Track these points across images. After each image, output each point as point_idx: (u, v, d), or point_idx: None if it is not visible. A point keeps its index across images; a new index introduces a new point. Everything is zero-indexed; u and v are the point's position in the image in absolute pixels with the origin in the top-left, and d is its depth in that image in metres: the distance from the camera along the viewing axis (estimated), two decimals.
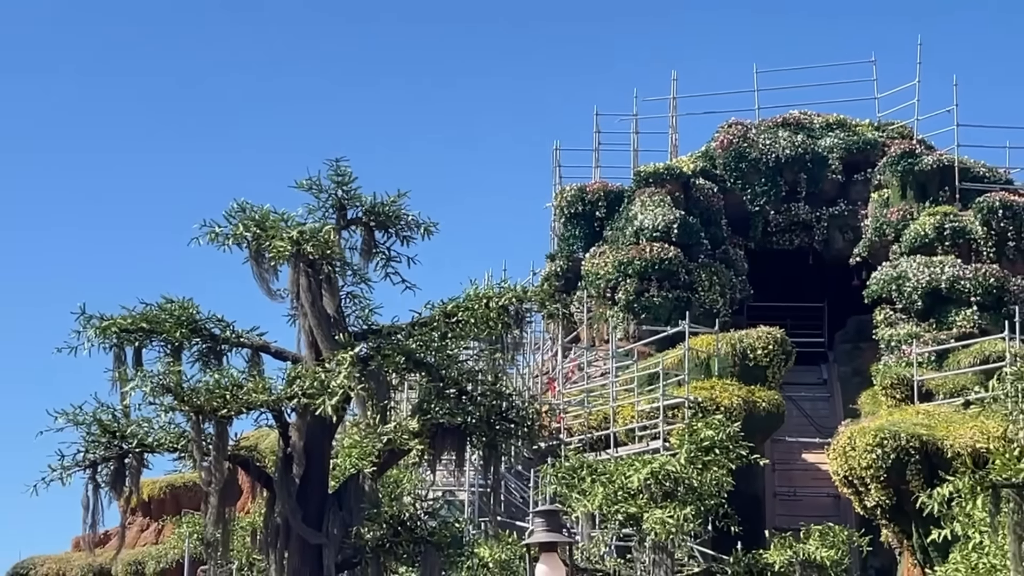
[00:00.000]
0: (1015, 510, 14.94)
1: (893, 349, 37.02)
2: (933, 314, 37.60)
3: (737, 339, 35.67)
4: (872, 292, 38.84)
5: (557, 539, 14.98)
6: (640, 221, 40.41)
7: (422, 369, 18.44)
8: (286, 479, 18.26)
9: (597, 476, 22.99)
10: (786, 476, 36.60)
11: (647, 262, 39.33)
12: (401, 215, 18.86)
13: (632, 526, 22.59)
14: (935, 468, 28.32)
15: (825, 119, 44.51)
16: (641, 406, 33.18)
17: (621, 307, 39.12)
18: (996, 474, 15.02)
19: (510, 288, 18.83)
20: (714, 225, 41.93)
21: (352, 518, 18.45)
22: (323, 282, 18.22)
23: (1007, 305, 36.66)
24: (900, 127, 43.98)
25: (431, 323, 18.80)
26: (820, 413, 39.16)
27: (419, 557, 19.14)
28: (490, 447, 18.85)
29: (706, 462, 22.86)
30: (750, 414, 32.38)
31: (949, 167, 41.13)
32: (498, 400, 18.78)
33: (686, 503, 21.97)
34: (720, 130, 44.06)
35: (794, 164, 43.07)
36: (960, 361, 34.85)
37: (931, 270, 38.07)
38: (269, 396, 17.80)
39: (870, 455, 29.73)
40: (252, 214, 18.50)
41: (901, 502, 29.66)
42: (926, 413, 31.83)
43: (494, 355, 18.92)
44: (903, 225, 40.23)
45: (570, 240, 42.35)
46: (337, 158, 18.72)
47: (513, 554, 23.23)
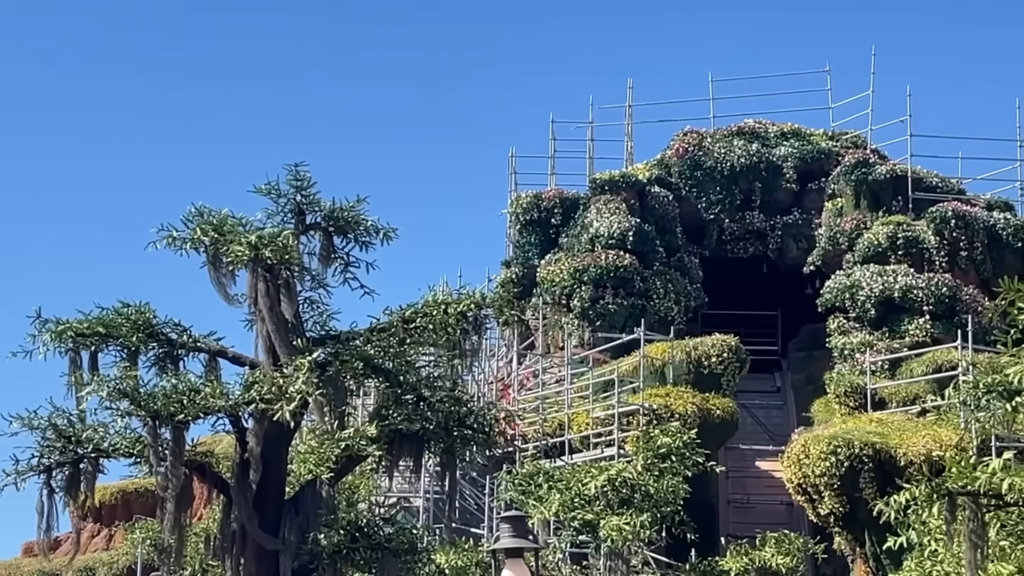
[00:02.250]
0: (971, 518, 15.02)
1: (846, 357, 37.20)
2: (886, 323, 37.81)
3: (692, 347, 35.78)
4: (826, 301, 39.04)
5: (524, 545, 14.98)
6: (596, 228, 40.48)
7: (380, 375, 18.41)
8: (243, 485, 18.20)
9: (554, 483, 23.02)
10: (740, 483, 36.71)
11: (602, 269, 39.40)
12: (360, 220, 18.85)
13: (588, 533, 22.63)
14: (888, 476, 28.53)
15: (780, 128, 44.69)
16: (596, 413, 33.24)
17: (576, 314, 39.19)
18: (952, 482, 15.10)
19: (469, 294, 18.85)
20: (669, 233, 42.06)
21: (309, 524, 18.41)
22: (281, 287, 18.17)
23: (959, 314, 36.90)
24: (854, 137, 44.22)
25: (389, 329, 18.79)
26: (774, 421, 39.34)
27: (376, 563, 19.09)
28: (448, 453, 18.86)
29: (662, 469, 22.94)
30: (704, 421, 32.49)
31: (902, 177, 41.38)
32: (456, 406, 18.78)
33: (642, 510, 22.04)
34: (676, 138, 44.17)
35: (749, 173, 43.23)
36: (913, 370, 35.07)
37: (884, 279, 38.28)
38: (226, 401, 17.74)
39: (824, 463, 29.90)
40: (210, 218, 18.44)
41: (854, 509, 29.84)
42: (879, 421, 32.04)
43: (452, 361, 18.93)
44: (857, 234, 40.44)
45: (526, 247, 42.38)
46: (296, 163, 18.71)
47: (469, 560, 23.23)
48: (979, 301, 37.66)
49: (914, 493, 15.43)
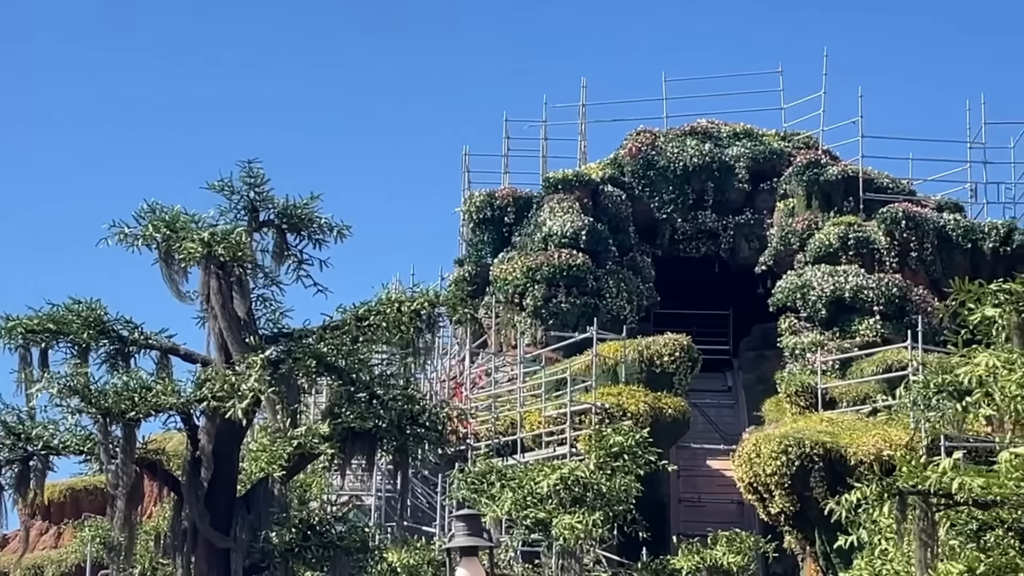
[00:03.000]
0: (921, 517, 15.11)
1: (797, 357, 37.39)
2: (837, 323, 38.01)
3: (644, 346, 35.87)
4: (777, 300, 39.20)
5: (479, 544, 14.99)
6: (549, 227, 40.52)
7: (333, 373, 18.37)
8: (194, 482, 18.14)
9: (506, 481, 23.05)
10: (691, 482, 36.81)
11: (555, 268, 39.44)
12: (314, 218, 18.80)
13: (540, 531, 22.66)
14: (839, 475, 28.67)
15: (732, 128, 44.84)
16: (548, 412, 33.27)
17: (529, 313, 39.21)
18: (903, 481, 15.19)
19: (422, 293, 18.82)
20: (622, 232, 42.14)
21: (260, 522, 18.36)
22: (234, 284, 18.11)
23: (909, 315, 37.13)
24: (806, 137, 44.43)
25: (342, 327, 18.75)
26: (725, 420, 39.47)
27: (328, 561, 19.06)
28: (400, 451, 18.83)
29: (614, 468, 22.98)
30: (656, 420, 32.55)
31: (854, 178, 41.62)
32: (409, 404, 18.75)
33: (594, 508, 22.08)
34: (629, 138, 44.26)
35: (701, 172, 43.36)
36: (863, 369, 35.27)
37: (835, 279, 38.48)
38: (178, 399, 17.67)
39: (775, 462, 30.04)
40: (162, 215, 18.34)
41: (805, 509, 29.98)
42: (830, 421, 32.21)
43: (405, 359, 18.90)
44: (808, 234, 40.64)
45: (479, 245, 42.38)
46: (250, 160, 18.65)
47: (421, 559, 23.22)
48: (929, 301, 37.91)
49: (864, 492, 15.51)
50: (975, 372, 15.24)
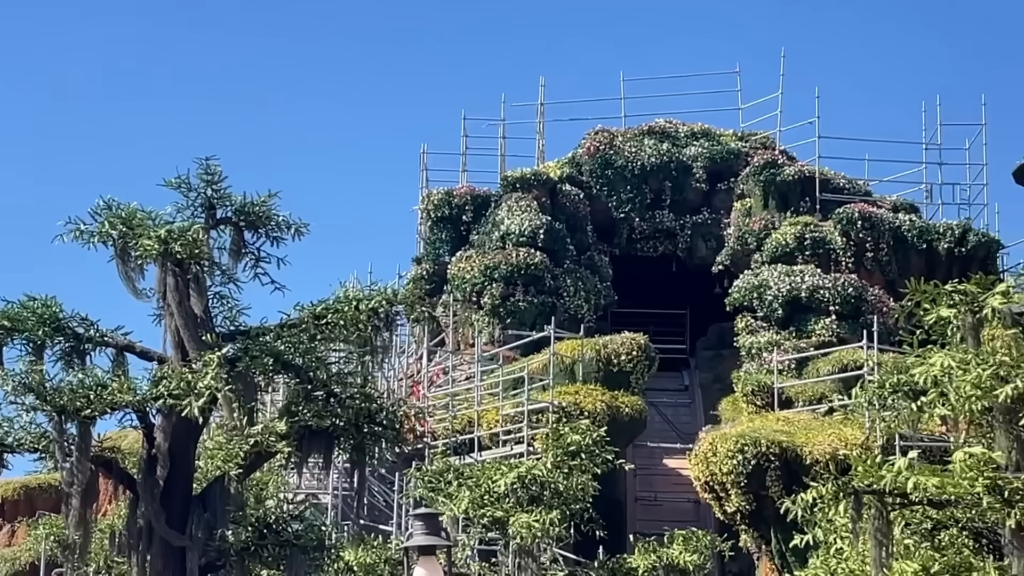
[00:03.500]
0: (876, 516, 15.20)
1: (754, 356, 37.52)
2: (793, 322, 38.17)
3: (601, 345, 35.94)
4: (734, 300, 39.34)
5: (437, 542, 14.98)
6: (507, 226, 40.54)
7: (290, 371, 18.34)
8: (150, 481, 18.07)
9: (463, 480, 23.03)
10: (647, 481, 36.91)
11: (513, 267, 39.46)
12: (271, 215, 18.76)
13: (497, 530, 22.66)
14: (794, 474, 28.82)
15: (690, 128, 44.97)
16: (506, 410, 33.30)
17: (487, 311, 39.22)
18: (858, 481, 15.27)
19: (380, 291, 18.80)
20: (580, 231, 42.22)
21: (216, 520, 18.31)
22: (191, 282, 18.06)
23: (865, 315, 37.33)
24: (763, 137, 44.60)
25: (300, 325, 18.71)
26: (681, 419, 39.59)
27: (284, 560, 19.01)
28: (357, 450, 18.80)
29: (571, 467, 23.01)
30: (613, 419, 32.63)
31: (810, 178, 41.79)
32: (366, 403, 18.72)
33: (551, 507, 22.10)
34: (587, 137, 44.33)
35: (659, 172, 43.47)
36: (819, 369, 35.45)
37: (791, 279, 38.65)
38: (134, 396, 17.61)
39: (731, 461, 30.16)
40: (119, 212, 18.28)
41: (761, 507, 30.11)
42: (786, 420, 32.36)
43: (363, 358, 18.88)
44: (765, 234, 40.79)
45: (436, 244, 42.36)
46: (207, 157, 18.59)
47: (378, 558, 23.18)
48: (884, 302, 38.13)
49: (820, 491, 15.59)
50: (930, 372, 15.34)
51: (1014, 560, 15.16)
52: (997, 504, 14.85)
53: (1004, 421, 15.07)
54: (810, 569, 18.57)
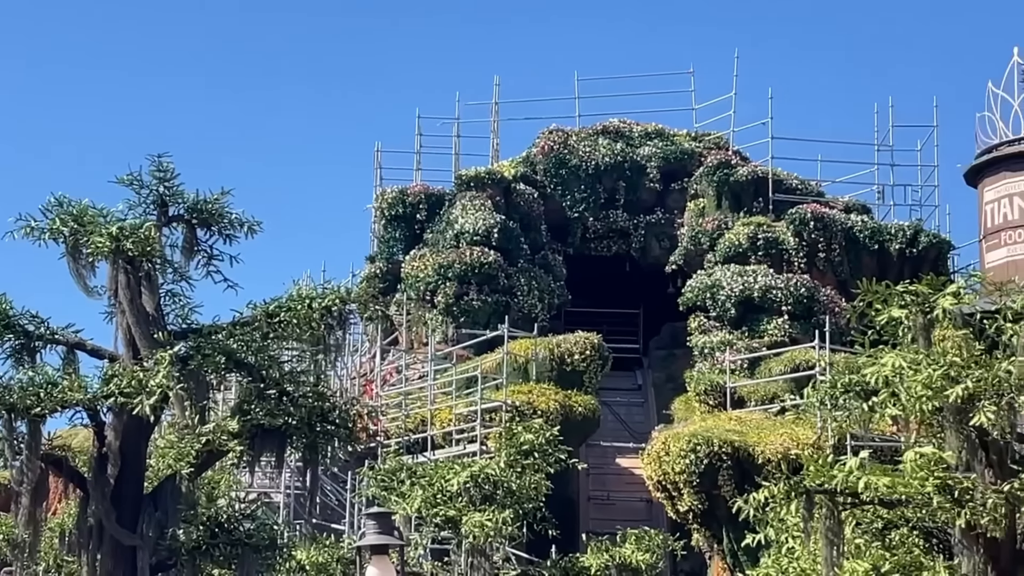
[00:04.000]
0: (827, 516, 15.28)
1: (707, 356, 37.63)
2: (746, 322, 38.31)
3: (555, 344, 35.99)
4: (687, 300, 39.45)
5: (390, 542, 14.97)
6: (461, 225, 40.52)
7: (242, 369, 18.30)
8: (100, 479, 17.99)
9: (416, 479, 23.00)
10: (600, 480, 36.99)
11: (467, 266, 39.44)
12: (224, 213, 18.71)
13: (450, 529, 22.64)
14: (747, 474, 28.95)
15: (644, 128, 45.05)
16: (459, 409, 33.30)
17: (440, 310, 39.19)
18: (810, 480, 15.35)
19: (333, 289, 18.78)
20: (534, 230, 42.25)
21: (168, 519, 18.24)
22: (142, 279, 18.00)
23: (817, 315, 37.50)
24: (716, 138, 44.75)
25: (252, 323, 18.67)
26: (634, 418, 39.67)
27: (235, 559, 18.95)
28: (310, 449, 18.75)
29: (524, 466, 23.01)
30: (567, 419, 32.68)
31: (763, 178, 41.97)
32: (319, 401, 18.69)
33: (504, 506, 22.09)
34: (541, 136, 44.37)
35: (613, 172, 43.55)
36: (771, 369, 35.60)
37: (744, 279, 38.79)
38: (85, 394, 17.53)
39: (683, 460, 30.26)
40: (70, 208, 18.19)
41: (713, 507, 30.22)
42: (738, 420, 32.48)
43: (316, 356, 18.85)
44: (718, 234, 40.92)
45: (390, 242, 42.30)
46: (159, 154, 18.53)
47: (330, 557, 23.12)
48: (836, 302, 38.31)
49: (772, 491, 15.66)
50: (881, 372, 15.42)
51: (964, 559, 15.27)
52: (947, 504, 14.95)
53: (954, 421, 15.16)
54: (761, 568, 18.63)
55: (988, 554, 15.25)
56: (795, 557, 17.74)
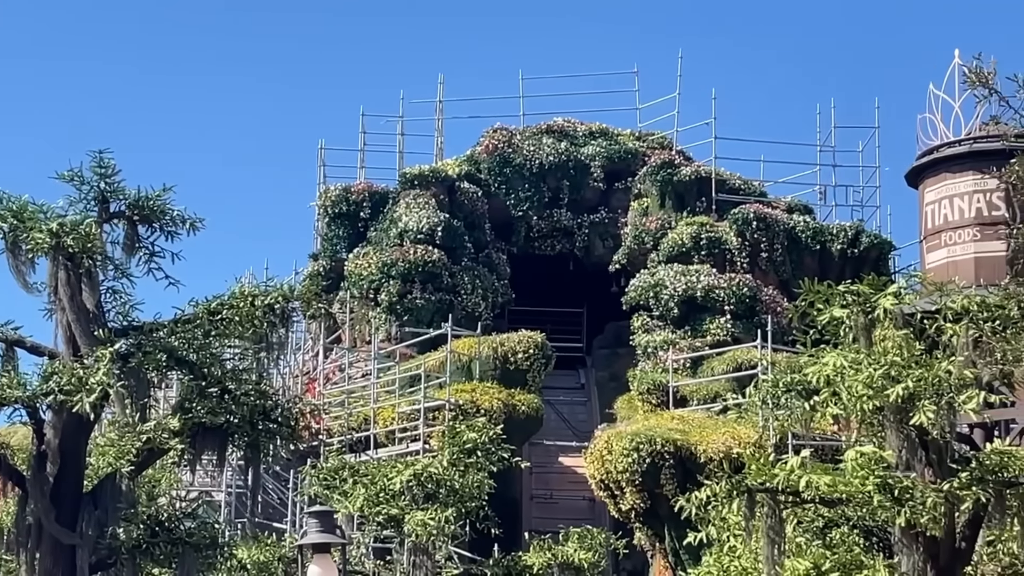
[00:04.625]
0: (769, 514, 15.33)
1: (650, 355, 37.77)
2: (688, 321, 38.48)
3: (498, 343, 36.02)
4: (630, 299, 39.58)
5: (331, 540, 14.91)
6: (404, 223, 40.47)
7: (184, 367, 18.14)
8: (39, 477, 17.81)
9: (359, 478, 22.93)
10: (543, 479, 37.06)
11: (411, 264, 39.40)
12: (166, 210, 18.53)
13: (393, 528, 22.60)
14: (689, 472, 29.06)
15: (588, 127, 45.19)
16: (402, 408, 33.27)
17: (384, 308, 39.13)
18: (751, 479, 15.40)
19: (276, 287, 18.67)
20: (478, 229, 42.25)
21: (108, 518, 18.08)
22: (83, 276, 17.82)
23: (759, 314, 37.73)
24: (660, 138, 44.89)
25: (194, 320, 18.51)
26: (578, 417, 39.77)
27: (176, 558, 18.81)
28: (252, 447, 18.64)
29: (468, 464, 22.98)
30: (510, 417, 32.73)
31: (706, 178, 42.14)
32: (261, 400, 18.56)
33: (447, 505, 22.05)
34: (485, 135, 44.40)
35: (557, 171, 43.63)
36: (714, 368, 35.77)
37: (687, 279, 38.96)
38: (24, 392, 17.34)
39: (626, 459, 30.36)
40: (9, 204, 17.99)
41: (655, 505, 30.33)
42: (681, 419, 32.63)
43: (258, 354, 18.74)
44: (661, 234, 41.07)
45: (334, 240, 42.21)
46: (100, 150, 18.36)
47: (272, 556, 23.03)
48: (778, 302, 38.54)
49: (714, 489, 15.70)
50: (823, 372, 15.49)
51: (903, 558, 15.37)
52: (887, 503, 15.03)
53: (895, 420, 15.25)
54: (703, 567, 18.71)
55: (927, 552, 15.36)
56: (737, 555, 17.81)
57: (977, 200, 31.84)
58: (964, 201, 32.02)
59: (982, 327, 15.81)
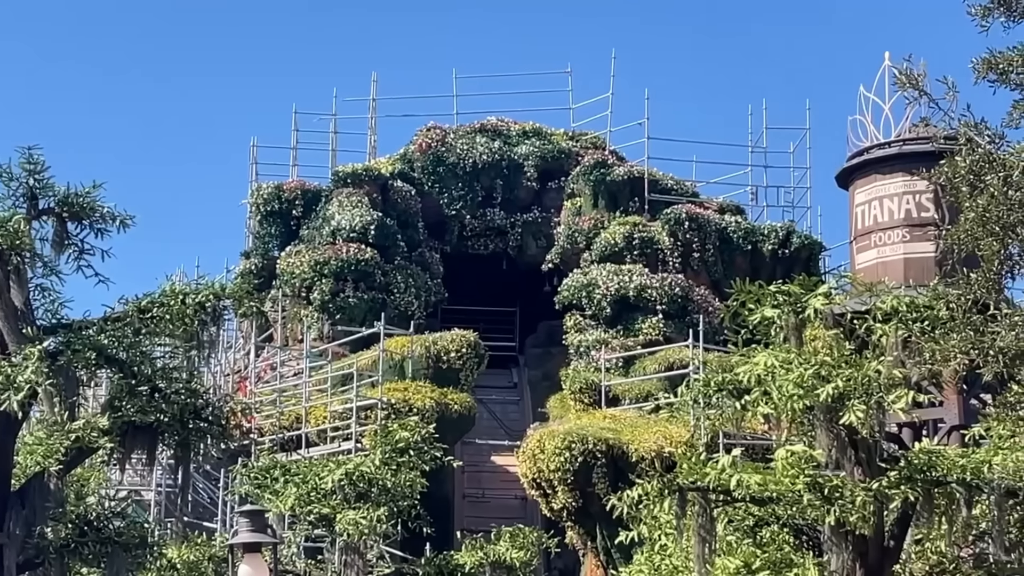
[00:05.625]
0: (700, 513, 15.41)
1: (582, 354, 37.86)
2: (621, 321, 38.58)
3: (431, 341, 35.98)
4: (563, 298, 39.65)
5: (262, 540, 14.83)
6: (337, 221, 40.35)
7: (114, 365, 18.01)
8: None
9: (290, 476, 22.84)
10: (475, 478, 37.06)
11: (343, 263, 39.29)
12: (96, 207, 18.38)
13: (324, 527, 22.53)
14: (621, 471, 29.16)
15: (522, 127, 45.22)
16: (334, 407, 33.15)
17: (316, 307, 38.99)
18: (683, 478, 15.46)
19: (208, 285, 18.56)
20: (411, 228, 42.18)
21: (36, 517, 17.91)
22: (11, 274, 17.66)
23: (691, 314, 37.88)
24: (593, 138, 44.98)
25: (124, 318, 18.37)
26: (510, 416, 39.80)
27: (105, 558, 18.67)
28: (182, 446, 18.53)
29: (400, 463, 22.95)
30: (442, 416, 32.68)
31: (639, 178, 42.25)
32: (192, 398, 18.46)
33: (379, 504, 22.01)
34: (419, 133, 44.34)
35: (491, 170, 43.64)
36: (646, 367, 35.89)
37: (620, 278, 39.07)
38: None
39: (558, 458, 30.41)
40: None
41: (587, 504, 30.39)
42: (613, 418, 32.72)
43: (189, 353, 18.63)
44: (594, 233, 41.16)
45: (266, 238, 42.01)
46: (30, 146, 18.19)
47: (202, 555, 22.91)
48: (710, 301, 38.73)
49: (645, 488, 15.76)
50: (754, 371, 15.58)
51: (833, 556, 15.49)
52: (817, 501, 15.14)
53: (825, 420, 15.36)
54: (634, 565, 18.79)
55: (856, 551, 15.48)
56: (668, 554, 17.90)
57: (907, 201, 32.11)
58: (894, 202, 32.28)
59: (911, 327, 15.96)
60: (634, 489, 15.76)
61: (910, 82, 11.43)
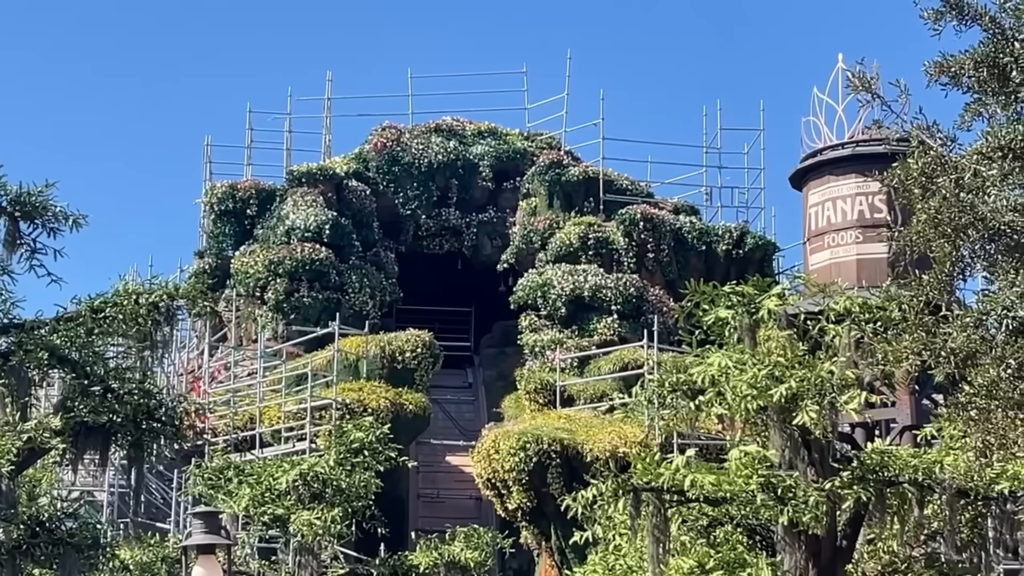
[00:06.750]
0: (654, 513, 15.42)
1: (537, 354, 37.91)
2: (576, 321, 38.66)
3: (386, 341, 35.93)
4: (518, 298, 39.68)
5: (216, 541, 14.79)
6: (292, 221, 40.26)
7: (66, 365, 17.90)
8: None
9: (244, 477, 22.77)
10: (430, 478, 37.04)
11: (298, 262, 39.20)
12: (48, 206, 18.26)
13: (278, 528, 22.46)
14: (575, 471, 29.22)
15: (477, 127, 45.23)
16: (288, 407, 33.07)
17: (270, 307, 38.89)
18: (637, 478, 15.47)
19: (161, 284, 18.48)
20: (366, 227, 42.13)
21: None
22: None
23: (645, 314, 37.98)
24: (549, 138, 45.05)
25: (77, 318, 18.26)
26: (465, 416, 39.81)
27: (57, 559, 18.56)
28: (135, 447, 18.44)
29: (354, 464, 22.91)
30: (397, 416, 32.66)
31: (594, 179, 42.36)
32: (145, 398, 18.37)
33: (333, 505, 21.98)
34: (374, 133, 44.28)
35: (446, 170, 43.63)
36: (601, 367, 35.95)
37: (575, 278, 39.14)
38: None
39: (513, 458, 30.45)
40: None
41: (542, 504, 30.44)
42: (568, 418, 32.77)
43: (142, 353, 18.54)
44: (549, 234, 41.23)
45: (220, 238, 41.86)
46: None
47: (155, 556, 22.82)
48: (665, 302, 38.84)
49: (600, 488, 15.76)
50: (708, 372, 15.62)
51: (786, 556, 15.54)
52: (770, 501, 15.19)
53: (778, 420, 15.41)
54: (589, 565, 18.77)
55: (809, 551, 15.55)
56: (622, 554, 17.90)
57: (860, 202, 32.31)
58: (847, 203, 32.47)
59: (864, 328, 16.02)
60: (588, 489, 15.76)
61: (863, 85, 11.47)
